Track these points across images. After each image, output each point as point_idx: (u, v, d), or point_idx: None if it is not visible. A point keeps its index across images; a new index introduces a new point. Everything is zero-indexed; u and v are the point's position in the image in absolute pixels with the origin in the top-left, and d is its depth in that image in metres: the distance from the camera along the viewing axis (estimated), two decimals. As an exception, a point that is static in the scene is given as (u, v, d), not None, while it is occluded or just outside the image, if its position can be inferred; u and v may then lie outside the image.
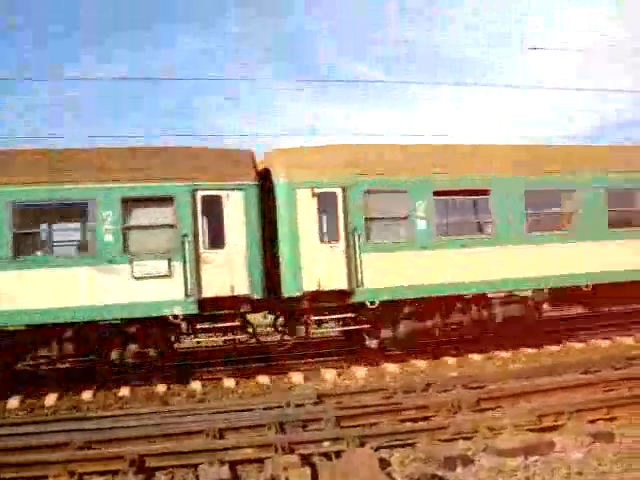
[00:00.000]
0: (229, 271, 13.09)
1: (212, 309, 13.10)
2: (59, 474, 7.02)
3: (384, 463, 7.16)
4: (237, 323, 13.44)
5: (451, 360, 14.26)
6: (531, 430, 8.03)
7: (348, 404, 9.68)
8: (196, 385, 12.87)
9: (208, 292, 12.96)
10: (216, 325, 13.39)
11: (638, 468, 6.77)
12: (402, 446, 7.73)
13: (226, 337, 13.81)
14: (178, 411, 9.91)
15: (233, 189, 13.32)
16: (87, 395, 12.42)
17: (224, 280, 13.04)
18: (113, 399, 12.28)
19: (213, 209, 13.29)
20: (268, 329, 16.32)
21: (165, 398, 12.14)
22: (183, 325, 13.31)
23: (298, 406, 9.68)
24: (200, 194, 13.15)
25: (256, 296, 13.25)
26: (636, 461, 6.97)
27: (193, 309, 12.89)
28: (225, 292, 13.04)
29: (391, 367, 13.76)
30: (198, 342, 14.32)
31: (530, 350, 15.00)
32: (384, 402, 9.59)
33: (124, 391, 12.60)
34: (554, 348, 15.18)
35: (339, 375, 13.44)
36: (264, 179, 13.84)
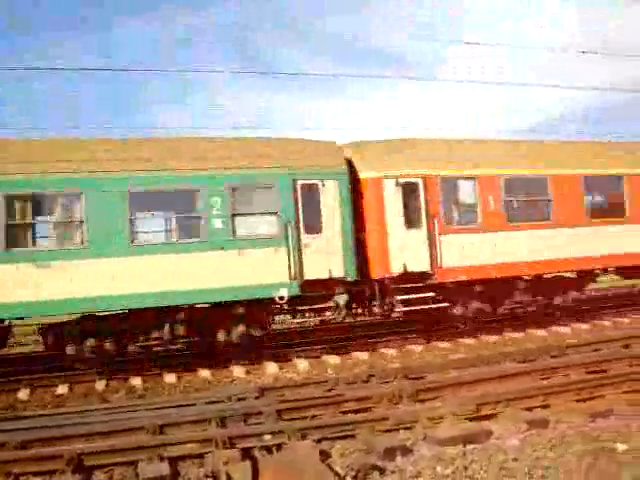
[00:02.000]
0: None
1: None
2: (-6, 475, 6.86)
3: (325, 455, 7.18)
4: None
5: (392, 351, 14.41)
6: (470, 419, 8.17)
7: (289, 397, 9.69)
8: (136, 381, 12.72)
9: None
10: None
11: (571, 453, 6.95)
12: (343, 438, 7.76)
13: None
14: (117, 408, 9.77)
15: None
16: (22, 394, 12.16)
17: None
18: (50, 397, 12.06)
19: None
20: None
21: (104, 395, 11.97)
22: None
23: (240, 400, 9.64)
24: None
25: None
26: (569, 447, 7.15)
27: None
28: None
29: (333, 359, 13.82)
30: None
31: (469, 341, 15.25)
32: (326, 394, 9.62)
33: (62, 389, 12.37)
34: (493, 338, 15.46)
35: (281, 368, 13.44)
36: None
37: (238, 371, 13.20)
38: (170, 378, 12.87)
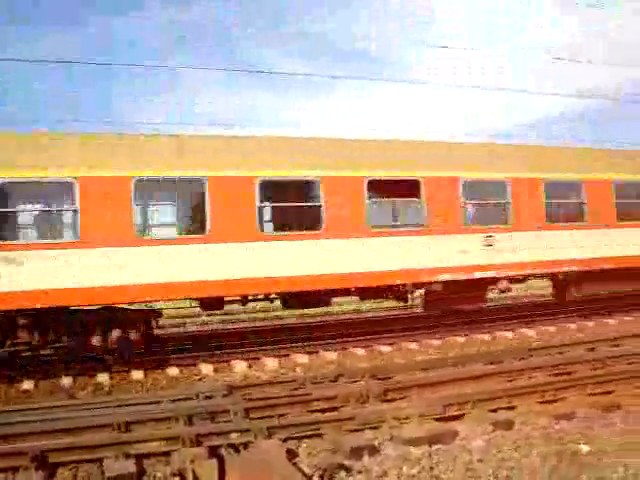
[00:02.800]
0: None
1: None
2: (-45, 472, 6.77)
3: (292, 454, 7.20)
4: None
5: (360, 351, 14.45)
6: (436, 419, 8.24)
7: (257, 395, 9.68)
8: (103, 377, 12.62)
9: None
10: None
11: (535, 454, 7.05)
12: (310, 437, 7.79)
13: None
14: (84, 405, 9.69)
15: None
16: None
17: None
18: (15, 393, 11.92)
19: None
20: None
21: (71, 391, 11.86)
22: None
23: (207, 398, 9.61)
24: None
25: None
26: (534, 448, 7.24)
27: None
28: None
29: (301, 358, 13.83)
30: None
31: (437, 342, 15.35)
32: (293, 393, 9.63)
33: (28, 384, 12.23)
34: (460, 340, 15.58)
35: (249, 367, 13.41)
36: None
37: (206, 369, 13.15)
38: (137, 375, 12.78)
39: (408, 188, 15.01)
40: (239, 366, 13.34)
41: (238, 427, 7.84)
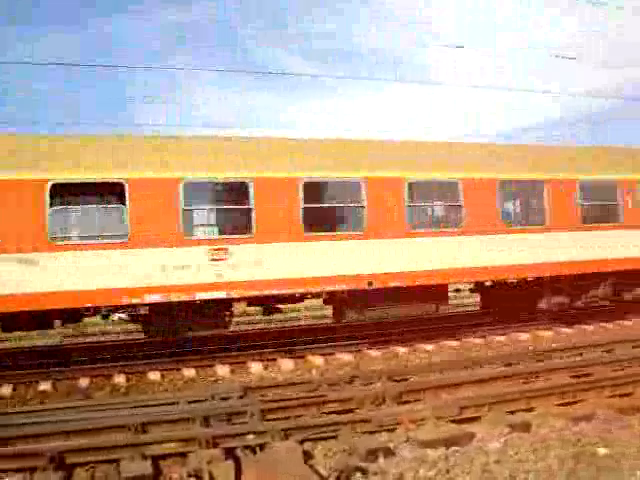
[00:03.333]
0: None
1: None
2: (-26, 472, 6.83)
3: (308, 455, 7.20)
4: None
5: (376, 353, 14.43)
6: (452, 421, 8.21)
7: (273, 397, 9.69)
8: (119, 378, 12.68)
9: None
10: None
11: (552, 456, 7.00)
12: (326, 439, 7.78)
13: None
14: (101, 405, 9.74)
15: None
16: (4, 391, 12.09)
17: None
18: (33, 394, 12.00)
19: None
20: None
21: (87, 392, 11.93)
22: None
23: (223, 399, 9.62)
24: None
25: None
26: (551, 450, 7.20)
27: None
28: None
29: (317, 360, 13.83)
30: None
31: (454, 343, 15.29)
32: (309, 395, 9.63)
33: (45, 385, 12.31)
34: (477, 341, 15.52)
35: (265, 368, 13.43)
36: None
37: (222, 370, 13.18)
38: (154, 376, 12.84)
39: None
40: (255, 367, 13.35)
41: (254, 429, 7.85)
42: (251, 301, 14.49)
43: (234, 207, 13.91)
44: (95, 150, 12.99)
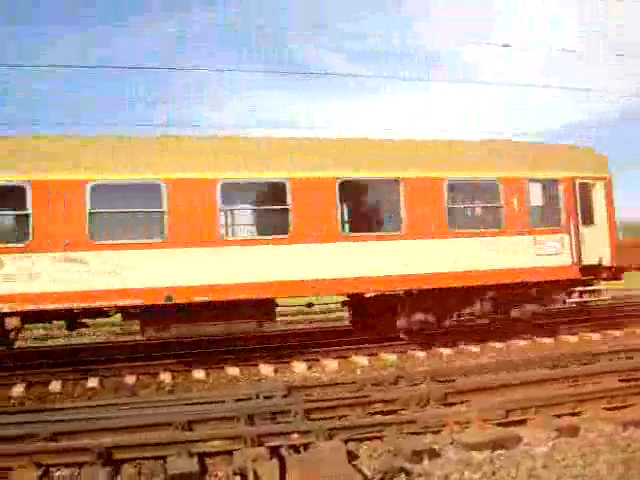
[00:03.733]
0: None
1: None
2: (25, 465, 6.95)
3: (352, 456, 7.18)
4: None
5: (420, 354, 14.35)
6: (498, 424, 8.11)
7: (317, 397, 9.70)
8: (165, 376, 12.82)
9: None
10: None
11: (601, 461, 6.88)
12: (370, 439, 7.76)
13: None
14: (146, 402, 9.86)
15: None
16: (54, 387, 12.32)
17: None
18: (81, 390, 12.21)
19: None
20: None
21: (134, 389, 12.09)
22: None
23: (267, 398, 9.67)
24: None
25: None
26: (599, 455, 7.07)
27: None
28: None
29: (361, 360, 13.81)
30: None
31: (499, 345, 15.13)
32: (353, 395, 9.62)
33: (93, 382, 12.51)
34: (523, 343, 15.33)
35: (309, 368, 13.46)
36: None
37: (266, 369, 13.24)
38: (199, 374, 12.96)
39: None
40: (299, 367, 13.39)
41: (298, 428, 7.86)
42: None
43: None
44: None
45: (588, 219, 15.86)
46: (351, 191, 14.75)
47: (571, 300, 15.97)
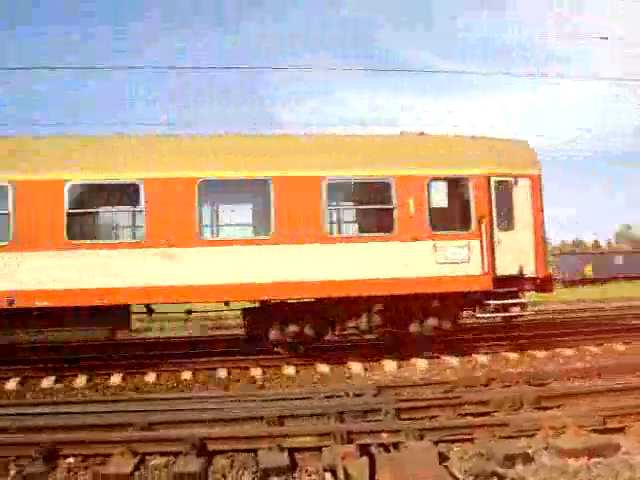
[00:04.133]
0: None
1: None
2: (123, 453, 7.18)
3: (442, 457, 7.10)
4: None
5: (513, 355, 14.07)
6: (595, 431, 7.86)
7: (407, 396, 9.65)
8: (256, 372, 13.01)
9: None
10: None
11: None
12: (461, 441, 7.66)
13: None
14: (238, 396, 10.03)
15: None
16: (149, 378, 12.69)
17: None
18: (175, 382, 12.52)
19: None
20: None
21: (226, 383, 12.32)
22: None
23: (357, 396, 9.67)
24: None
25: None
26: None
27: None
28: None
29: (452, 360, 13.65)
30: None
31: (595, 349, 14.68)
32: (444, 396, 9.53)
33: (186, 375, 12.83)
34: (620, 348, 14.82)
35: (399, 367, 13.39)
36: None
37: (356, 367, 13.25)
38: (289, 370, 13.09)
39: None
40: (389, 366, 13.33)
41: (389, 427, 7.83)
42: None
43: None
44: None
45: (507, 222, 14.06)
46: (215, 192, 13.90)
47: (481, 315, 14.15)
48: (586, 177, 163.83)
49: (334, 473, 6.76)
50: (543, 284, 14.35)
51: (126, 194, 13.50)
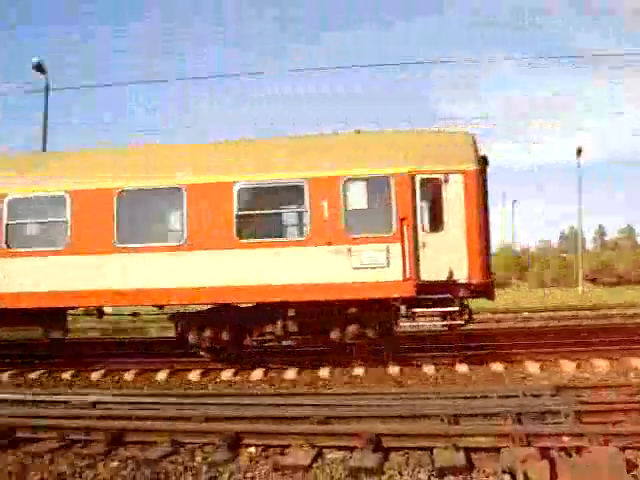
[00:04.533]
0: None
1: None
2: (302, 445, 7.40)
3: (630, 465, 6.73)
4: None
5: None
6: None
7: (588, 398, 9.22)
8: (428, 369, 12.96)
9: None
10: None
11: None
12: (650, 449, 7.21)
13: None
14: (411, 393, 10.03)
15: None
16: (323, 373, 12.98)
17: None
18: (348, 378, 12.73)
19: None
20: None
21: (398, 380, 12.38)
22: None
23: (534, 397, 9.38)
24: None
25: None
26: None
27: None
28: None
29: (637, 363, 12.90)
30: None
31: None
32: (629, 399, 9.02)
33: (358, 371, 13.00)
34: None
35: (578, 367, 12.86)
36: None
37: (532, 367, 12.87)
38: (462, 368, 12.96)
39: None
40: (567, 366, 12.84)
41: (570, 430, 7.52)
42: None
43: None
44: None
45: (435, 223, 12.96)
46: (133, 202, 13.89)
47: (405, 324, 13.01)
48: None
49: (512, 475, 6.61)
50: (479, 290, 12.98)
51: (54, 205, 14.31)
